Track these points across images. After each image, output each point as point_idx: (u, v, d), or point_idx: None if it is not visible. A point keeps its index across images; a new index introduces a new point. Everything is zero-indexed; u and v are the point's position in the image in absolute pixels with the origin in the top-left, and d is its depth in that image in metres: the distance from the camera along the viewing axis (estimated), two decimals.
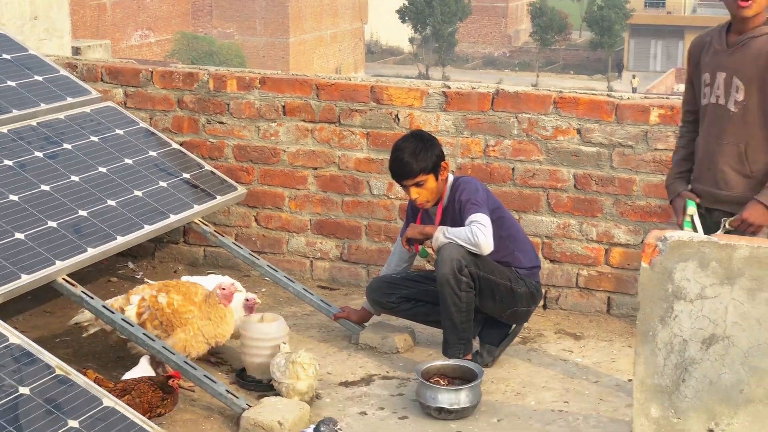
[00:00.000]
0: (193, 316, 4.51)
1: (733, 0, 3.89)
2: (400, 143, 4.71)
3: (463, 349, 4.68)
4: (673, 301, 3.03)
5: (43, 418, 3.58)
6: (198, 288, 4.64)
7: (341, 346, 5.07)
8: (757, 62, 3.86)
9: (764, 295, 2.93)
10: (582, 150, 5.34)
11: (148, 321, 4.49)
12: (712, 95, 4.00)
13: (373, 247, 5.79)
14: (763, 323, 2.95)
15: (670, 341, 3.05)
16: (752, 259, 2.94)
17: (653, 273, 3.04)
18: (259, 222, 5.98)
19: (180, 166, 5.54)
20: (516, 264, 4.77)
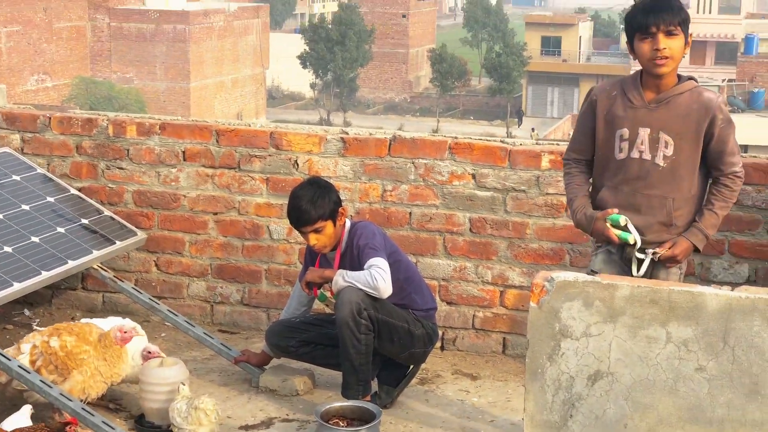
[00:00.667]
0: (89, 356, 4.49)
1: (648, 59, 3.98)
2: (298, 190, 4.79)
3: (362, 391, 4.76)
4: (560, 339, 3.16)
5: None
6: (92, 327, 4.62)
7: (241, 389, 5.10)
8: (688, 118, 3.98)
9: (645, 333, 3.08)
10: (477, 194, 5.49)
11: (43, 367, 4.46)
12: (633, 150, 4.04)
13: (273, 291, 5.84)
14: (645, 360, 3.09)
15: (558, 378, 3.17)
16: (633, 298, 3.08)
17: (541, 312, 3.17)
18: (159, 267, 5.98)
19: (78, 212, 5.53)
20: (413, 306, 4.88)
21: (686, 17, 4.00)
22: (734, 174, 4.06)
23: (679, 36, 3.98)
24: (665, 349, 3.07)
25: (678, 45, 3.98)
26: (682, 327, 3.05)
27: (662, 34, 3.95)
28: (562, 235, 5.40)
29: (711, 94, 4.03)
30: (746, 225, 5.11)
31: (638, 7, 4.02)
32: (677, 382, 3.07)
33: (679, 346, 3.06)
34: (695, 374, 3.05)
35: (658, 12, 3.96)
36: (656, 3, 4.00)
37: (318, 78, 59.46)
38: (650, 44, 3.97)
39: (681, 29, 3.97)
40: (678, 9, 3.99)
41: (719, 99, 4.04)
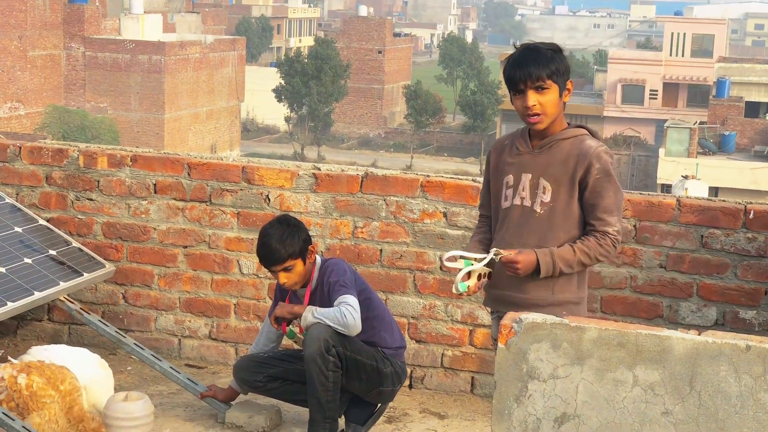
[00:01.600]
0: (52, 401, 4.42)
1: (522, 115, 3.82)
2: (267, 229, 4.77)
3: (329, 428, 4.72)
4: (528, 380, 3.15)
5: None
6: (66, 375, 4.54)
7: (207, 425, 5.05)
8: (566, 164, 3.79)
9: (612, 375, 3.08)
10: (448, 233, 5.50)
11: (5, 401, 4.40)
12: (516, 197, 3.87)
13: (241, 326, 5.81)
14: (611, 402, 3.08)
15: (525, 420, 3.16)
16: (600, 340, 3.08)
17: (509, 353, 3.16)
18: (127, 299, 5.94)
19: (46, 242, 5.49)
20: (382, 344, 4.86)
21: (558, 68, 3.77)
22: (606, 234, 3.78)
23: (550, 90, 3.76)
24: (632, 392, 3.06)
25: (550, 99, 3.76)
26: (649, 370, 3.04)
27: (531, 91, 3.75)
28: None
29: (593, 142, 3.82)
30: (714, 268, 5.14)
31: (509, 61, 3.83)
32: (643, 425, 3.06)
33: (646, 389, 3.05)
34: (661, 418, 3.04)
35: (524, 67, 3.75)
36: (523, 56, 3.80)
37: (293, 112, 59.57)
38: (521, 100, 3.79)
39: (553, 81, 3.76)
40: (548, 60, 3.76)
41: (600, 149, 3.79)
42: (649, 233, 5.19)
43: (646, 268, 5.21)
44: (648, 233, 5.19)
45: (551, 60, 3.77)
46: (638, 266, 5.22)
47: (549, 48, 3.82)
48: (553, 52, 3.81)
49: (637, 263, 5.22)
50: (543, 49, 3.80)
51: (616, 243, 3.80)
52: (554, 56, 3.80)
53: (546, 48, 3.82)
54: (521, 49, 3.84)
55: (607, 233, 3.77)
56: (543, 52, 3.79)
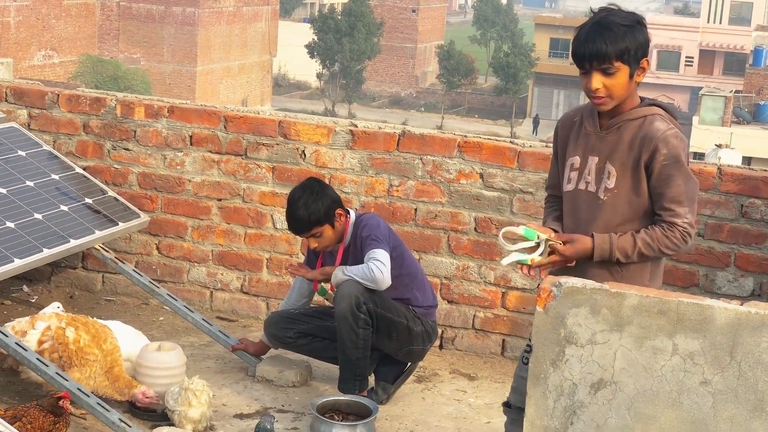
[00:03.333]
0: (96, 359, 4.45)
1: (587, 94, 3.48)
2: (293, 196, 4.74)
3: (359, 386, 4.73)
4: (565, 345, 3.12)
5: None
6: (108, 334, 4.56)
7: (237, 378, 5.07)
8: (632, 147, 3.46)
9: (651, 343, 3.05)
10: (484, 194, 5.46)
11: (48, 351, 4.42)
12: (581, 181, 3.56)
13: (273, 281, 5.81)
14: (649, 370, 3.06)
15: (561, 384, 3.14)
16: (641, 307, 3.05)
17: (547, 317, 3.13)
18: (160, 250, 5.95)
19: (82, 190, 5.49)
20: (414, 303, 4.85)
21: (629, 47, 3.38)
22: (673, 225, 3.44)
23: (619, 72, 3.40)
24: (671, 361, 3.03)
25: (618, 82, 3.41)
26: (689, 339, 3.01)
27: (597, 72, 3.41)
28: None
29: (662, 124, 3.44)
30: (753, 238, 5.08)
31: (581, 33, 3.45)
32: (681, 394, 3.03)
33: (685, 358, 3.02)
34: (700, 388, 3.01)
35: (591, 47, 3.39)
36: (592, 32, 3.41)
37: (325, 68, 59.38)
38: (585, 80, 3.45)
39: (623, 62, 3.39)
40: (617, 39, 3.37)
41: (669, 132, 3.42)
42: None
43: None
44: None
45: (622, 38, 3.37)
46: None
47: (624, 23, 3.39)
48: (627, 27, 3.39)
49: None
50: (615, 24, 3.38)
51: (686, 236, 3.45)
52: (627, 33, 3.38)
53: (620, 23, 3.39)
54: (591, 23, 3.44)
55: (674, 224, 3.43)
56: (614, 28, 3.38)
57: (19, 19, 42.20)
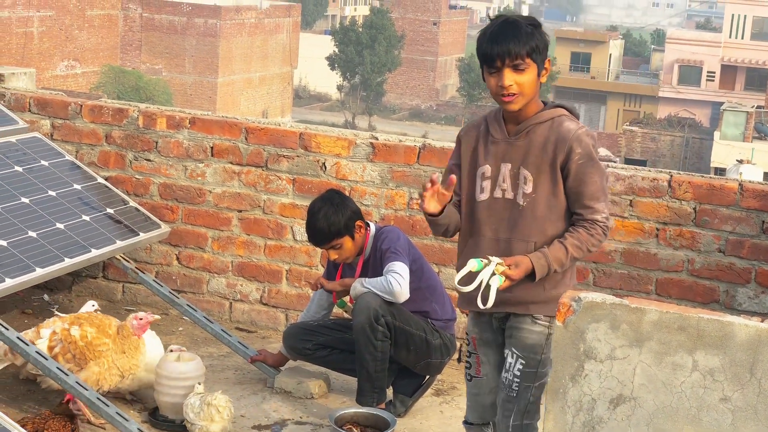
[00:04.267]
0: (107, 348, 4.49)
1: (496, 95, 3.47)
2: (313, 207, 4.76)
3: (377, 398, 4.73)
4: (584, 360, 3.12)
5: None
6: (111, 320, 4.63)
7: (256, 389, 5.08)
8: (545, 150, 3.46)
9: (670, 359, 3.04)
10: None
11: (60, 354, 4.46)
12: (496, 189, 3.53)
13: (293, 292, 5.83)
14: (669, 386, 3.05)
15: (580, 399, 3.13)
16: (661, 323, 3.04)
17: (566, 332, 3.13)
18: (180, 261, 5.98)
19: (104, 201, 5.53)
20: (432, 316, 4.85)
21: (537, 45, 3.44)
22: (594, 222, 3.44)
23: (528, 69, 3.43)
24: (690, 377, 3.02)
25: (528, 79, 3.43)
26: (709, 356, 3.00)
27: (508, 69, 3.41)
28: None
29: (573, 124, 3.47)
30: None
31: (485, 35, 3.48)
32: (701, 411, 3.02)
33: (705, 375, 3.01)
34: (719, 404, 3.00)
35: (503, 44, 3.40)
36: (502, 30, 3.43)
37: (345, 80, 59.51)
38: (496, 79, 3.44)
39: (532, 59, 3.43)
40: (527, 37, 3.42)
41: (581, 131, 3.45)
42: (709, 216, 5.11)
43: (704, 251, 5.14)
44: (708, 216, 5.11)
45: (531, 36, 3.44)
46: (696, 249, 5.15)
47: (529, 23, 3.48)
48: (533, 27, 3.47)
49: (695, 246, 5.15)
50: (523, 24, 3.46)
51: (606, 230, 3.49)
52: (534, 32, 3.45)
53: (526, 23, 3.47)
54: (499, 23, 3.47)
55: (596, 222, 3.45)
56: (523, 27, 3.44)
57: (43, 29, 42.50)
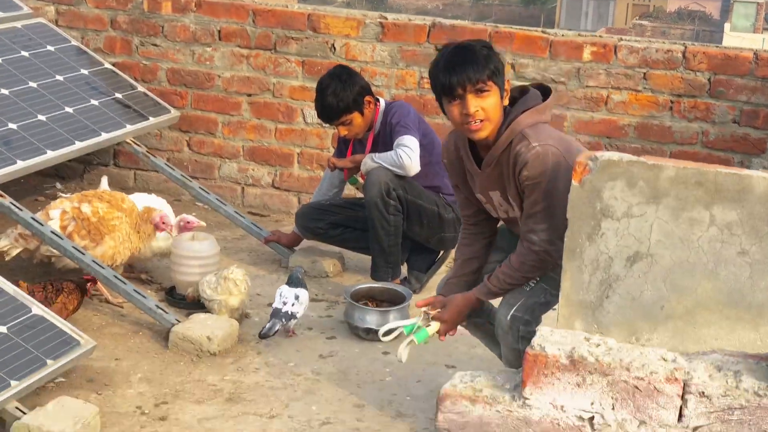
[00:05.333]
0: (121, 222, 4.50)
1: (462, 124, 3.36)
2: (322, 83, 4.72)
3: (392, 273, 4.75)
4: (601, 219, 3.11)
5: None
6: (123, 196, 4.64)
7: (271, 269, 5.10)
8: (512, 177, 3.39)
9: (687, 215, 3.03)
10: (515, 84, 5.38)
11: (75, 233, 4.46)
12: (499, 211, 3.56)
13: (304, 175, 5.81)
14: (686, 242, 3.04)
15: (596, 258, 3.13)
16: (678, 179, 3.02)
17: (583, 191, 3.11)
18: (191, 147, 5.95)
19: (112, 85, 5.48)
20: (444, 190, 4.83)
21: (497, 66, 3.32)
22: (529, 245, 3.38)
23: (491, 92, 3.31)
24: (708, 232, 3.01)
25: (491, 103, 3.32)
26: (727, 210, 2.99)
27: (471, 95, 3.29)
28: (601, 129, 5.32)
29: (524, 147, 3.32)
30: None
31: (439, 64, 3.33)
32: (718, 265, 3.02)
33: (722, 229, 3.00)
34: (737, 258, 3.00)
35: (462, 70, 3.27)
36: (458, 57, 3.30)
37: None
38: (459, 107, 3.32)
39: (494, 82, 3.30)
40: (486, 59, 3.29)
41: (530, 153, 3.30)
42: (724, 87, 5.06)
43: (718, 123, 5.10)
44: (723, 87, 5.06)
45: (489, 59, 3.31)
46: (710, 121, 5.11)
47: (483, 45, 3.35)
48: (488, 49, 3.34)
49: (710, 118, 5.10)
50: (477, 47, 3.32)
51: (541, 254, 3.38)
52: (490, 54, 3.33)
53: (480, 46, 3.34)
54: (452, 50, 3.34)
55: (530, 244, 3.39)
56: (478, 50, 3.31)
57: None
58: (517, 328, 3.44)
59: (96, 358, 4.00)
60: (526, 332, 3.39)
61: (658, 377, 2.00)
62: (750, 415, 1.92)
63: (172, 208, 4.95)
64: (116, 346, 4.19)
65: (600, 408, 2.00)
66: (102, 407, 3.63)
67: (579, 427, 1.99)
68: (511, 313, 3.47)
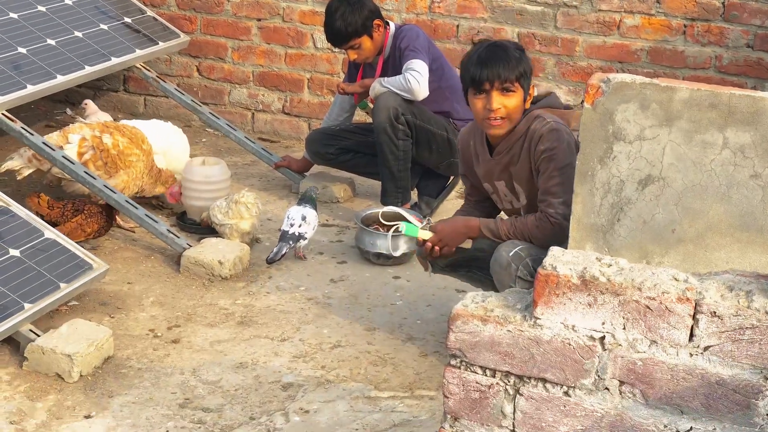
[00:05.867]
0: (138, 159, 4.51)
1: (482, 118, 3.48)
2: (330, 7, 4.68)
3: (401, 198, 4.75)
4: (613, 142, 3.09)
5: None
6: (143, 136, 4.62)
7: (281, 194, 5.11)
8: (527, 161, 3.50)
9: (700, 137, 3.01)
10: (527, 9, 5.34)
11: (91, 161, 4.47)
12: (503, 202, 3.67)
13: (315, 101, 5.79)
14: (699, 165, 3.03)
15: (608, 181, 3.12)
16: (692, 101, 3.00)
17: (595, 114, 3.09)
18: (201, 72, 5.92)
19: (121, 10, 5.44)
20: (454, 116, 4.81)
21: (525, 70, 3.45)
22: (546, 216, 3.44)
23: (516, 93, 3.44)
24: (721, 155, 3.00)
25: (515, 103, 3.45)
26: (740, 132, 2.97)
27: (497, 92, 3.42)
28: (613, 54, 5.28)
29: (539, 123, 3.47)
30: None
31: (473, 57, 3.48)
32: (730, 188, 3.01)
33: (736, 152, 2.98)
34: (750, 181, 2.98)
35: (492, 66, 3.40)
36: (492, 54, 3.43)
37: None
38: (483, 102, 3.45)
39: (519, 84, 3.44)
40: (517, 61, 3.43)
41: (545, 128, 3.45)
42: (738, 11, 5.00)
43: (732, 47, 5.05)
44: (737, 11, 5.00)
45: (519, 61, 3.45)
46: (724, 45, 5.06)
47: (516, 48, 3.49)
48: (520, 52, 3.49)
49: (723, 42, 5.05)
50: (511, 48, 3.47)
51: (555, 227, 3.44)
52: (522, 57, 3.47)
53: (514, 47, 3.49)
54: (488, 46, 3.48)
55: (548, 216, 3.45)
56: (511, 52, 3.45)
57: None
58: (516, 266, 3.44)
59: (108, 281, 4.03)
60: (524, 274, 3.42)
61: (670, 297, 2.00)
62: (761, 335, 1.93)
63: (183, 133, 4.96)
64: (128, 270, 4.22)
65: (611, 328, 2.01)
66: (115, 330, 3.67)
67: (590, 346, 2.01)
68: (515, 250, 3.46)
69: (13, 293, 3.46)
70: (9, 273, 3.53)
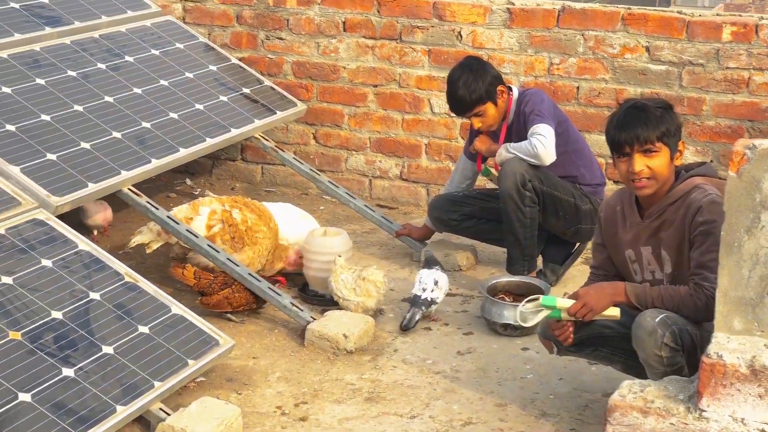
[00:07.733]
0: (264, 236, 4.51)
1: (629, 181, 3.40)
2: (453, 75, 4.61)
3: (528, 266, 4.64)
4: (761, 211, 2.94)
5: (113, 323, 3.58)
6: (270, 213, 4.63)
7: (403, 263, 5.04)
8: (680, 229, 3.38)
9: None
10: (650, 68, 5.22)
11: (219, 235, 4.46)
12: (645, 271, 3.52)
13: (433, 166, 5.73)
14: None
15: (756, 253, 2.96)
16: None
17: (741, 182, 2.95)
18: (317, 139, 5.93)
19: (239, 81, 5.48)
20: (581, 180, 4.70)
21: (669, 129, 3.35)
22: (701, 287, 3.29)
23: (660, 153, 3.34)
24: None
25: (660, 163, 3.35)
26: None
27: (638, 154, 3.34)
28: (742, 112, 5.11)
29: (699, 193, 3.35)
30: None
31: (613, 120, 3.41)
32: None
33: None
34: None
35: (631, 128, 3.33)
36: (631, 116, 3.36)
37: None
38: (626, 164, 3.37)
39: (663, 143, 3.34)
40: (657, 121, 3.34)
41: (706, 199, 3.32)
42: None
43: None
44: None
45: (661, 120, 3.35)
46: None
47: (658, 106, 3.39)
48: (663, 110, 3.38)
49: None
50: (651, 107, 3.37)
51: (708, 300, 3.24)
52: (664, 115, 3.37)
53: (655, 106, 3.38)
54: (627, 108, 3.40)
55: (703, 288, 3.29)
56: (651, 111, 3.35)
57: None
58: (663, 332, 3.29)
59: (234, 356, 4.00)
60: (670, 341, 3.26)
61: None
62: None
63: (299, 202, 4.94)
64: (253, 344, 4.18)
65: None
66: (242, 407, 3.62)
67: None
68: (661, 317, 3.31)
69: (143, 371, 3.44)
70: (139, 350, 3.52)
